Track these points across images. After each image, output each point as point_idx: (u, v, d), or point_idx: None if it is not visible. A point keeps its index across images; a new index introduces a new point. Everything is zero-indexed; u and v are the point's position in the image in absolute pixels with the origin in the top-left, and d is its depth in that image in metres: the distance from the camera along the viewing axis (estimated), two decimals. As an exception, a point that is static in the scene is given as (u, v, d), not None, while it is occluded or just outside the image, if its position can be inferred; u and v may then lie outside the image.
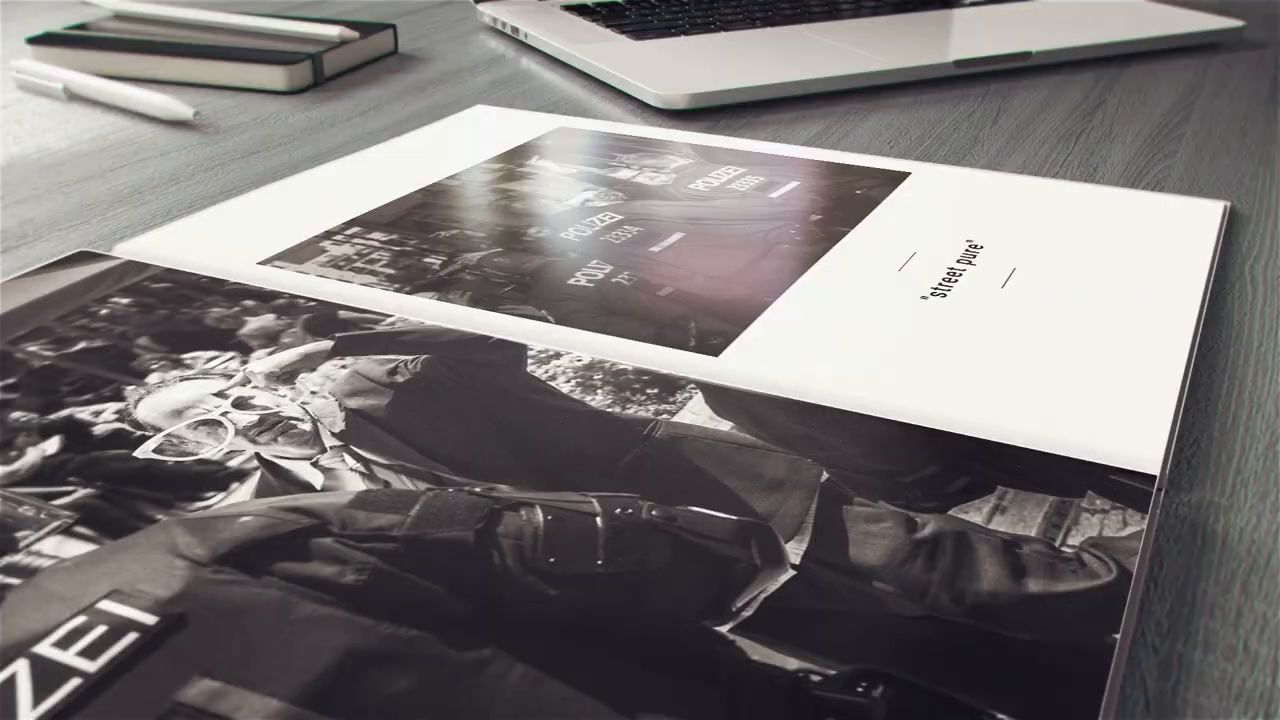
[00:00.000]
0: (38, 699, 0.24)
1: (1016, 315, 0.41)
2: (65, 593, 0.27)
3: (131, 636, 0.26)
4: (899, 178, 0.55)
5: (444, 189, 0.53)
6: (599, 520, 0.29)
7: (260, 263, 0.45)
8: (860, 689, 0.24)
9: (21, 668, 0.25)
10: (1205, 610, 0.28)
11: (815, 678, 0.24)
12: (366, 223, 0.49)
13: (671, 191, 0.53)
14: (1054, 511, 0.30)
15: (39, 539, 0.29)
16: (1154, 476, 0.31)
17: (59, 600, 0.27)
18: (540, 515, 0.30)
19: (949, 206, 0.51)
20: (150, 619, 0.26)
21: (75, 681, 0.25)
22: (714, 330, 0.39)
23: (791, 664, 0.25)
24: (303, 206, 0.51)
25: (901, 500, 0.30)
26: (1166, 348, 0.39)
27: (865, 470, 0.32)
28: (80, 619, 0.27)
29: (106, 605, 0.27)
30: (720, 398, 0.35)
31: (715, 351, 0.38)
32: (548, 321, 0.40)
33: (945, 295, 0.42)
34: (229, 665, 0.25)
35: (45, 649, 0.26)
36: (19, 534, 0.29)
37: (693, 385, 0.36)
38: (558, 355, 0.37)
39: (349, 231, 0.48)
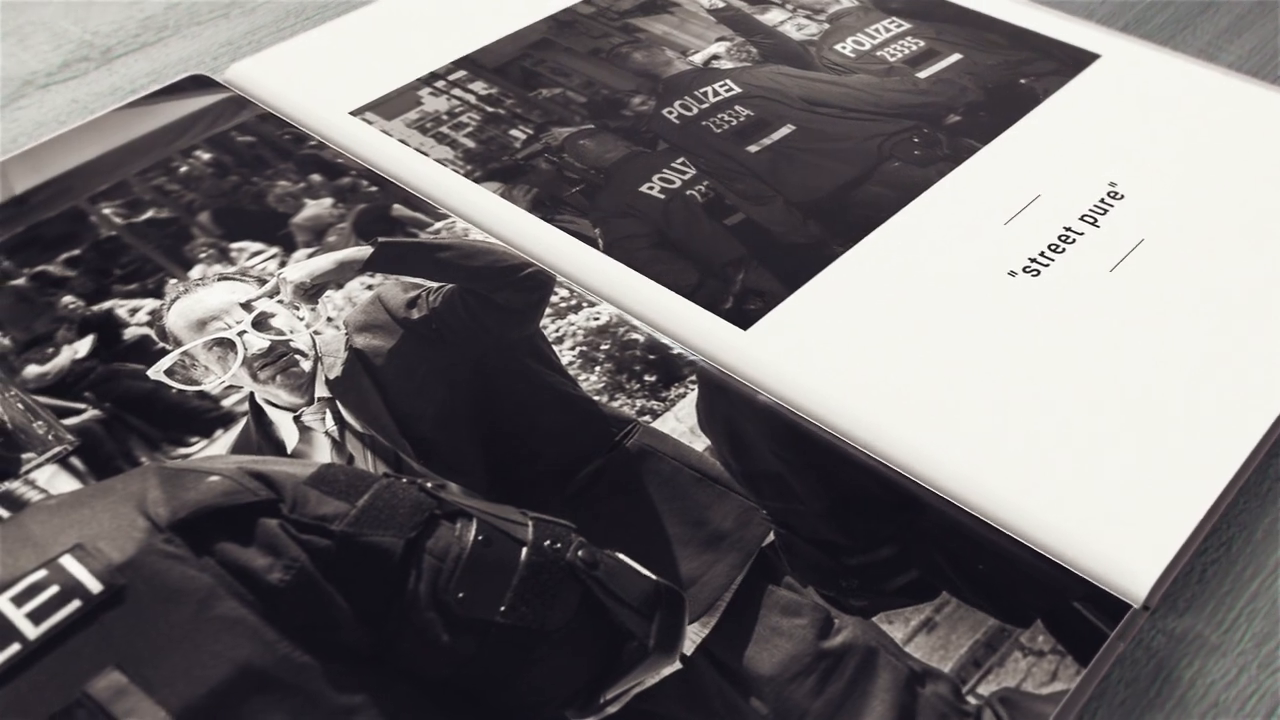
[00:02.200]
0: (-16, 658, 0.28)
1: (1102, 323, 0.36)
2: (40, 537, 0.30)
3: (75, 604, 0.29)
4: (1083, 61, 0.48)
5: (573, 21, 0.50)
6: (524, 553, 0.30)
7: (352, 112, 0.45)
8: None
9: (-21, 620, 0.29)
10: (1108, 791, 0.27)
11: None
12: (474, 64, 0.47)
13: (811, 56, 0.48)
14: (985, 641, 0.28)
15: (39, 465, 0.32)
16: (1129, 607, 0.29)
17: (32, 546, 0.30)
18: (472, 533, 0.30)
19: (1113, 123, 0.44)
20: (97, 587, 0.29)
21: (15, 648, 0.28)
22: (759, 289, 0.37)
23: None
24: (420, 31, 0.49)
25: (835, 589, 0.29)
26: (1262, 393, 0.34)
27: (817, 538, 0.30)
28: (41, 573, 0.30)
29: (67, 561, 0.30)
30: (712, 403, 0.34)
31: (747, 322, 0.36)
32: (595, 246, 0.39)
33: (1039, 274, 0.38)
34: (140, 659, 0.28)
35: (4, 602, 0.29)
36: (25, 455, 0.32)
37: (692, 380, 0.34)
38: (577, 309, 0.36)
39: (452, 76, 0.47)
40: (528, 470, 0.32)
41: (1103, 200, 0.41)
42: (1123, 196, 0.41)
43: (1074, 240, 0.39)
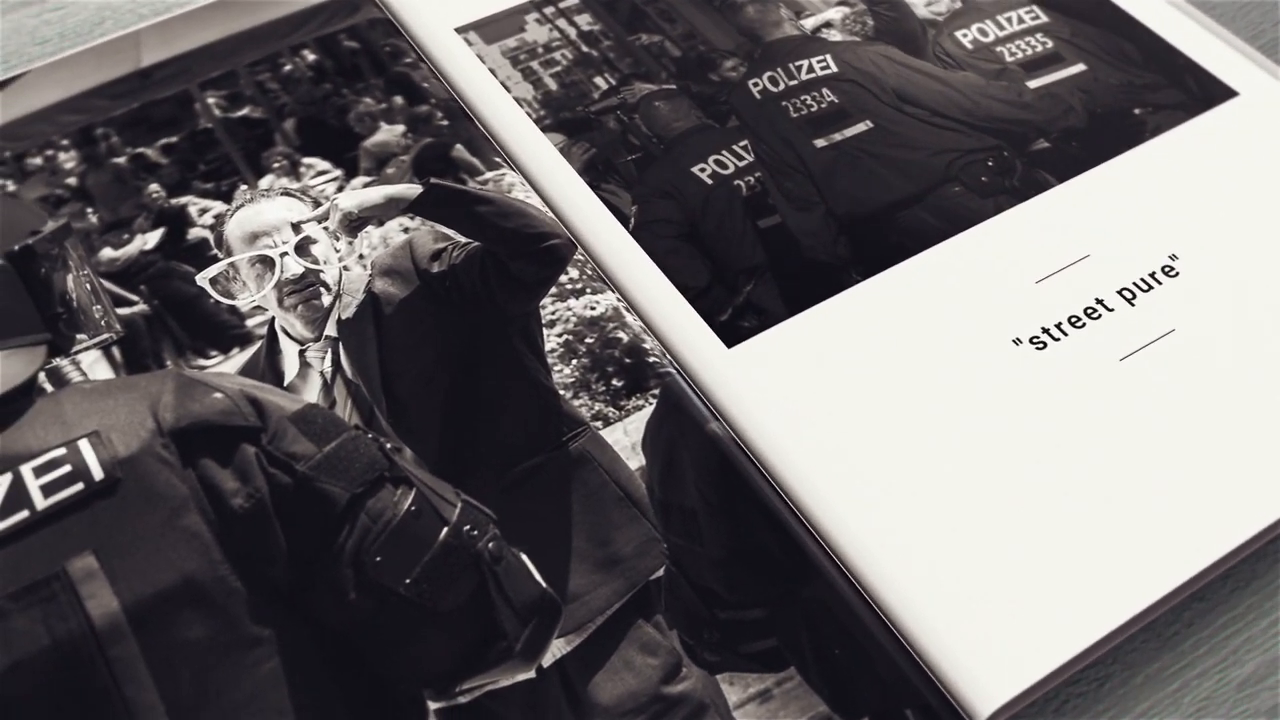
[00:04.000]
0: (-1, 517, 0.34)
1: (1079, 420, 0.35)
2: (70, 417, 0.36)
3: (78, 487, 0.34)
4: (1215, 97, 0.45)
5: (703, -45, 0.50)
6: (443, 533, 0.34)
7: (458, 29, 0.47)
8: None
9: (4, 481, 0.35)
10: None
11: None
12: (593, -8, 0.48)
13: (925, 41, 0.47)
14: (809, 726, 0.31)
15: (87, 348, 0.37)
16: (964, 723, 0.31)
17: (61, 425, 0.36)
18: (407, 502, 0.34)
19: (1210, 182, 0.42)
20: (99, 475, 0.34)
21: (23, 514, 0.34)
22: (760, 306, 0.39)
23: (445, 772, 0.30)
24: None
25: (696, 639, 0.32)
26: (1198, 538, 0.34)
27: (700, 583, 0.33)
28: (61, 451, 0.35)
29: (83, 445, 0.35)
30: (661, 422, 0.36)
31: (734, 339, 0.38)
32: (625, 226, 0.41)
33: (1044, 347, 0.38)
34: (113, 550, 0.33)
35: (26, 470, 0.35)
36: (79, 336, 0.38)
37: (654, 394, 0.37)
38: (578, 294, 0.39)
39: (563, 3, 0.48)
40: (474, 452, 0.35)
41: (1153, 274, 0.39)
42: (1176, 274, 0.39)
43: (1099, 316, 0.38)
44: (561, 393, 0.36)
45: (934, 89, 0.45)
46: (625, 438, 0.35)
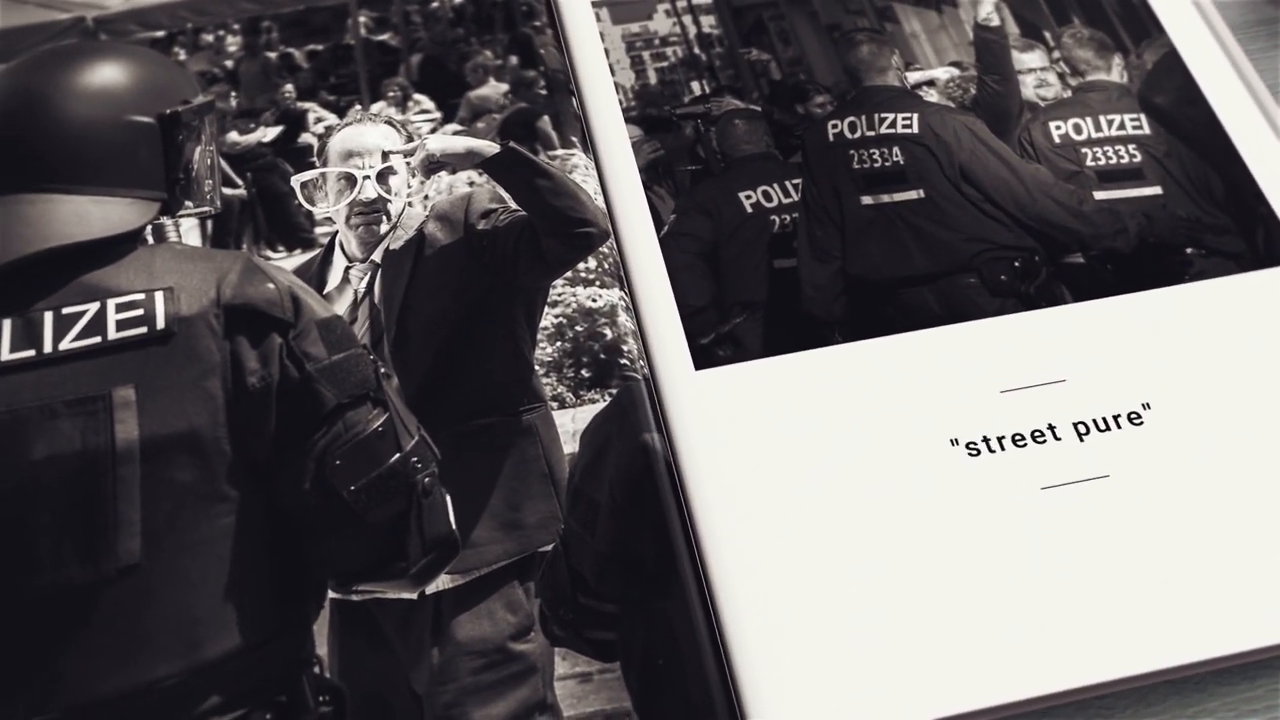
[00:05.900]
0: (79, 336, 0.42)
1: (976, 531, 0.38)
2: (156, 270, 0.44)
3: (142, 329, 0.42)
4: (1277, 257, 0.45)
5: (845, -18, 0.52)
6: (394, 458, 0.40)
7: (595, 2, 0.51)
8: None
9: (93, 308, 0.43)
10: None
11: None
12: (725, -5, 0.52)
13: (1014, 125, 0.48)
14: (607, 714, 0.36)
15: (189, 215, 0.45)
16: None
17: (148, 274, 0.44)
18: (377, 423, 0.41)
19: (1221, 344, 0.42)
20: (161, 325, 0.42)
21: (96, 339, 0.42)
22: (740, 341, 0.43)
23: (320, 650, 0.37)
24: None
25: (553, 613, 0.38)
26: (1032, 670, 0.37)
27: (577, 568, 0.39)
28: (141, 295, 0.43)
29: (158, 296, 0.43)
30: (605, 420, 0.41)
31: (704, 363, 0.42)
32: (657, 230, 0.45)
33: (976, 455, 0.40)
34: (150, 390, 0.41)
35: (111, 304, 0.43)
36: (187, 202, 0.45)
37: (612, 392, 0.42)
38: (587, 284, 0.44)
39: (697, 0, 0.51)
40: (445, 397, 0.41)
41: (1116, 417, 0.41)
42: (1140, 424, 0.41)
43: (1044, 441, 0.41)
44: (536, 368, 0.42)
45: (999, 175, 0.47)
46: (571, 424, 0.41)
